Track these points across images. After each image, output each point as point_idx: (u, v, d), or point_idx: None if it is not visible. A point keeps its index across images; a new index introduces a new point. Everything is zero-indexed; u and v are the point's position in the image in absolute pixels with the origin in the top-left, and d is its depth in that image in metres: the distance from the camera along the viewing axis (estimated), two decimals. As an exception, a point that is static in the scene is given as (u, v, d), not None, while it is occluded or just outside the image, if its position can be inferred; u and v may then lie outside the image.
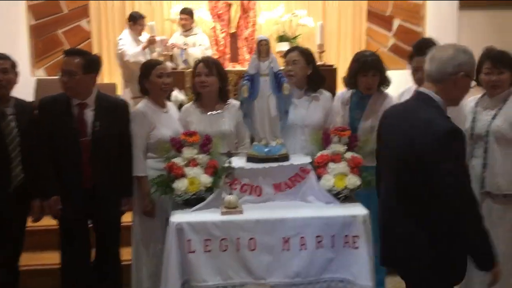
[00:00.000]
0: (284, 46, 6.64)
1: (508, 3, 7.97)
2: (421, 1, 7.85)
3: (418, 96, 2.10)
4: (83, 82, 2.80)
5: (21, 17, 7.06)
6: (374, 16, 7.76)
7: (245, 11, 6.99)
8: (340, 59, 7.33)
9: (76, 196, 2.80)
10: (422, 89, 2.08)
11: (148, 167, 2.91)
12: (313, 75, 3.12)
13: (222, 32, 6.95)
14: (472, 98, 3.02)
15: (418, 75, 3.04)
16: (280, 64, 2.84)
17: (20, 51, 6.30)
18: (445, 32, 7.76)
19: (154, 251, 2.91)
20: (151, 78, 2.94)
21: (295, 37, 7.00)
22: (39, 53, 6.98)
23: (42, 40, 7.18)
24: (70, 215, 2.80)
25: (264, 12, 7.04)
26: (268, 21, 7.04)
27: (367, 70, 3.03)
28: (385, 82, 3.12)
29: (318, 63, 5.35)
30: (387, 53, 7.41)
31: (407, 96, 3.18)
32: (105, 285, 2.97)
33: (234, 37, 6.92)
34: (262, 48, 2.68)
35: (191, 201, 2.60)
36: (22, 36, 6.85)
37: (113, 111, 2.89)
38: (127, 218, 3.20)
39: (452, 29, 7.85)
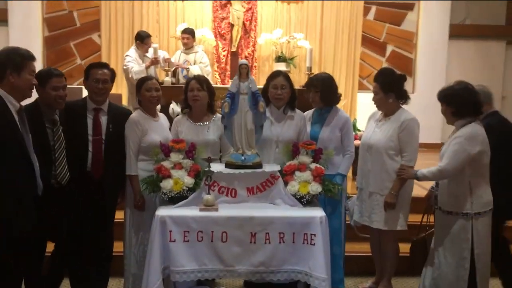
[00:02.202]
0: (281, 66, 7.08)
1: (493, 34, 8.44)
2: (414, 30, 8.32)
3: None
4: (110, 90, 3.33)
5: (36, 29, 7.57)
6: (368, 42, 8.22)
7: (246, 31, 7.45)
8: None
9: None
10: None
11: (139, 168, 3.31)
12: (291, 97, 3.50)
13: (224, 51, 7.42)
14: None
15: (374, 98, 3.47)
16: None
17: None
18: (435, 59, 8.23)
19: (142, 241, 3.30)
20: (141, 91, 3.38)
21: (292, 58, 7.43)
22: (51, 63, 7.37)
23: (55, 51, 7.69)
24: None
25: (264, 34, 7.46)
26: (267, 41, 7.45)
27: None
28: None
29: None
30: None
31: (375, 117, 3.57)
32: (97, 271, 3.37)
33: (235, 55, 7.33)
34: (243, 71, 3.12)
35: (175, 199, 3.02)
36: (37, 46, 7.28)
37: (121, 117, 3.34)
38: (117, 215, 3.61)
39: (441, 56, 8.28)
